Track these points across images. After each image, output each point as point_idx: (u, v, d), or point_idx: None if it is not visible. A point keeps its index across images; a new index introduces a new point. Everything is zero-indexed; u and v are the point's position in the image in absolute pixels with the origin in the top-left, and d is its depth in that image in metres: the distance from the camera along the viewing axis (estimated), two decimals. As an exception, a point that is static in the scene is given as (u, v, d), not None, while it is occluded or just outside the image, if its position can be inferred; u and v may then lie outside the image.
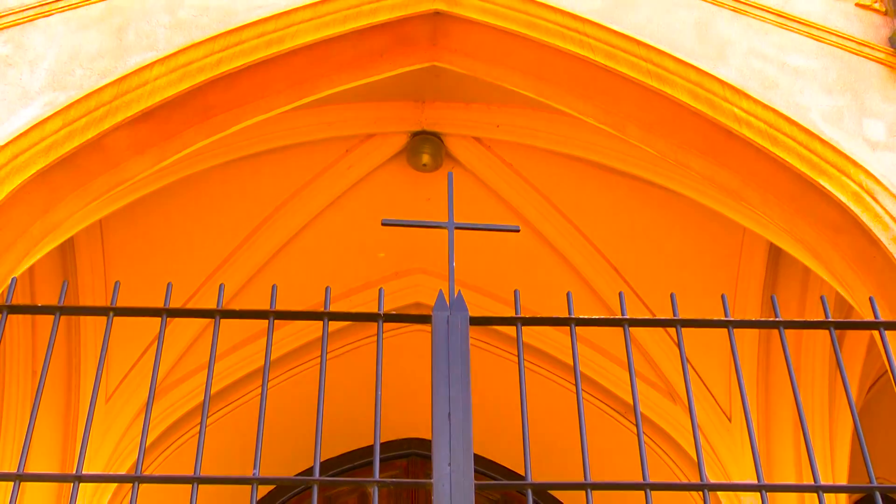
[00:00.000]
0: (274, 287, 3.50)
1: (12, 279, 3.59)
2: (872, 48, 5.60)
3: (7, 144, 4.84)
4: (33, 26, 5.32)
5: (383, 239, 8.18)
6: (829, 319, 3.59)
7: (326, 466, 9.57)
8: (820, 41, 5.63)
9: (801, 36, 5.64)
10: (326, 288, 3.62)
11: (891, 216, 4.94)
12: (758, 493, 3.86)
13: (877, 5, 5.81)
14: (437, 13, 5.75)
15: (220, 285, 3.56)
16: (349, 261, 8.45)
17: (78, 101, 5.05)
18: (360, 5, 5.62)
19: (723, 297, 3.64)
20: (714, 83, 5.42)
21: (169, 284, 3.53)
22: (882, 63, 5.55)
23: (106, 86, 5.13)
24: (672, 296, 3.66)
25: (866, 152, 5.15)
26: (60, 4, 5.39)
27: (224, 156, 7.07)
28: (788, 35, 5.64)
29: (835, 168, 5.12)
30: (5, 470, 6.95)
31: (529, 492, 3.12)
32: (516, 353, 3.42)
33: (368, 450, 9.63)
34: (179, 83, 5.26)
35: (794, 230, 5.35)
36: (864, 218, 4.97)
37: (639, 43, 5.55)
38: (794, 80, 5.45)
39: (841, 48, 5.60)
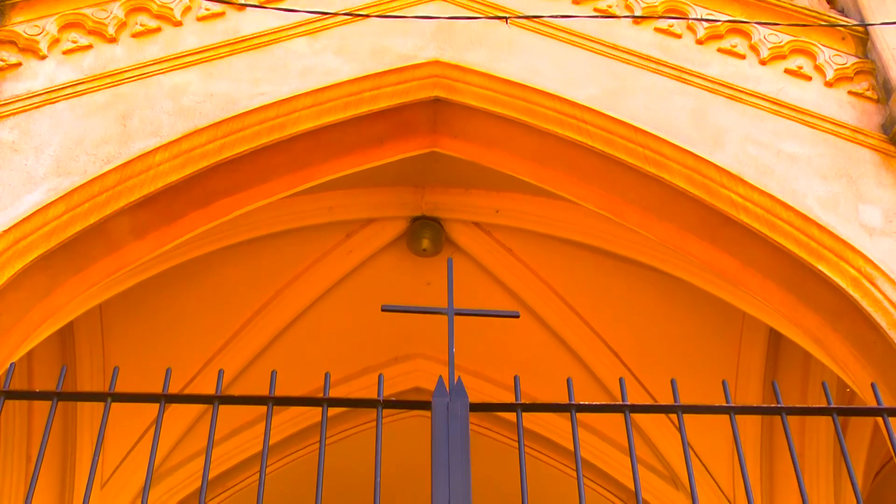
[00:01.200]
0: (273, 373, 3.49)
1: (11, 364, 3.57)
2: (866, 135, 5.68)
3: (9, 229, 4.85)
4: (40, 113, 5.39)
5: (383, 324, 8.17)
6: (832, 406, 3.57)
7: (324, 554, 9.39)
8: (814, 128, 5.69)
9: (796, 123, 5.71)
10: (326, 374, 3.61)
11: (890, 302, 4.93)
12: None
13: (869, 93, 5.90)
14: (437, 100, 5.83)
15: (220, 371, 3.55)
16: (349, 346, 8.42)
17: (81, 187, 5.08)
18: (361, 92, 5.70)
19: (724, 382, 3.62)
20: (711, 169, 5.47)
21: (168, 370, 3.52)
22: (875, 149, 5.62)
23: (109, 171, 5.17)
24: (673, 381, 3.64)
25: (863, 238, 5.17)
26: (66, 92, 5.46)
27: (225, 240, 7.10)
28: (783, 122, 5.71)
29: (833, 253, 5.13)
30: (-3, 558, 6.83)
31: (530, 582, 3.07)
32: (517, 439, 3.40)
33: (367, 537, 9.46)
34: (182, 169, 5.30)
35: (794, 315, 5.34)
36: (864, 303, 4.96)
37: (636, 129, 5.61)
38: (790, 166, 5.50)
39: (835, 135, 5.67)
